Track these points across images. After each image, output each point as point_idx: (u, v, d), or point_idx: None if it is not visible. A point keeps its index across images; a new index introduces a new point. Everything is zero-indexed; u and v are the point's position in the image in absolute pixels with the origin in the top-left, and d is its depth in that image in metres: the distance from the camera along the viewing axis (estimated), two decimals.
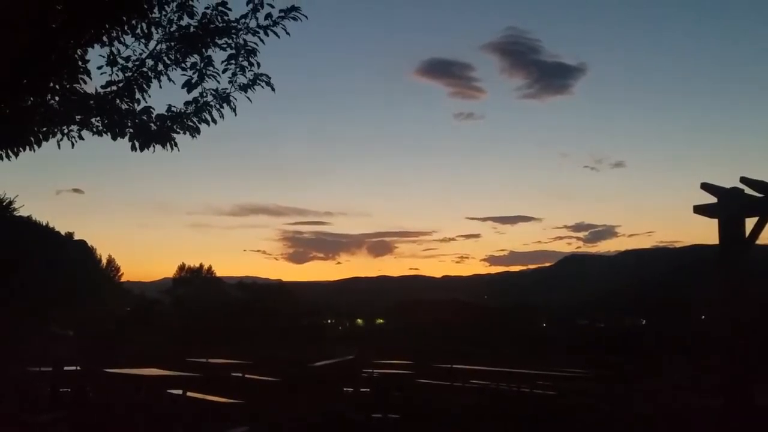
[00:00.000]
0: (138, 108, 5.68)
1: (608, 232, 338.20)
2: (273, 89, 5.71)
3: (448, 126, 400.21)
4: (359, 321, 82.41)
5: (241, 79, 5.68)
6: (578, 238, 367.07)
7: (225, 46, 5.58)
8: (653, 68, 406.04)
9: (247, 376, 17.85)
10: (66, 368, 18.55)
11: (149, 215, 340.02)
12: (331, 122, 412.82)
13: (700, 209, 10.30)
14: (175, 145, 5.77)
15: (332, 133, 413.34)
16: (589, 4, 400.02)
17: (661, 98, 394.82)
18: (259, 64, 5.66)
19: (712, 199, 10.12)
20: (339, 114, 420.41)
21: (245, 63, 5.62)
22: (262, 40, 5.56)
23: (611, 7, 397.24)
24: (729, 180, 10.01)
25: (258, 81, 5.67)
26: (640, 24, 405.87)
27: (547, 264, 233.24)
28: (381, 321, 78.71)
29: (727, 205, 9.92)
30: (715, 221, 10.07)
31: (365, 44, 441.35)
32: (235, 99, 5.70)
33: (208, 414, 12.52)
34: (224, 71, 5.65)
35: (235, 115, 5.72)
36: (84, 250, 59.60)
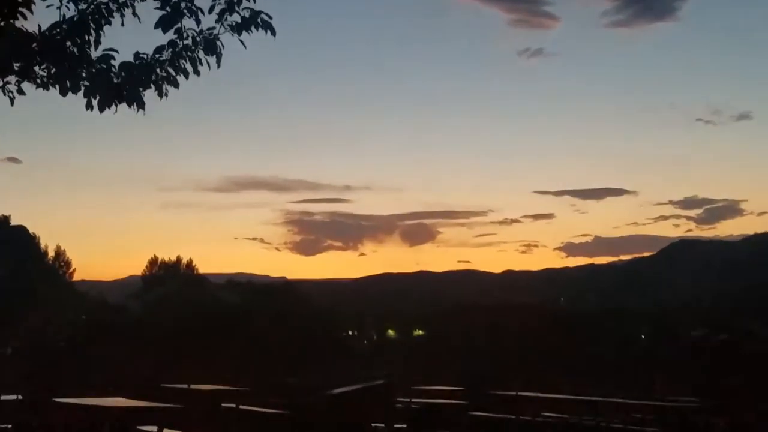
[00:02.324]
0: (96, 54, 5.71)
1: (730, 209, 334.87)
2: (273, 33, 5.72)
3: (508, 67, 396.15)
4: (391, 332, 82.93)
5: (233, 18, 5.69)
6: (689, 218, 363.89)
7: None
8: None
9: (242, 407, 18.10)
10: (4, 398, 18.97)
11: (110, 193, 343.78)
12: (352, 68, 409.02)
13: None
14: (143, 106, 5.80)
15: (353, 84, 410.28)
16: None
17: None
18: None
19: None
20: (362, 56, 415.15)
21: None
22: None
23: None
24: None
25: (254, 20, 5.68)
26: None
27: (647, 253, 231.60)
28: (420, 332, 79.06)
29: None
30: None
31: None
32: (223, 45, 5.73)
33: None
34: (210, 10, 5.67)
35: (219, 66, 5.74)
36: (24, 239, 60.69)
